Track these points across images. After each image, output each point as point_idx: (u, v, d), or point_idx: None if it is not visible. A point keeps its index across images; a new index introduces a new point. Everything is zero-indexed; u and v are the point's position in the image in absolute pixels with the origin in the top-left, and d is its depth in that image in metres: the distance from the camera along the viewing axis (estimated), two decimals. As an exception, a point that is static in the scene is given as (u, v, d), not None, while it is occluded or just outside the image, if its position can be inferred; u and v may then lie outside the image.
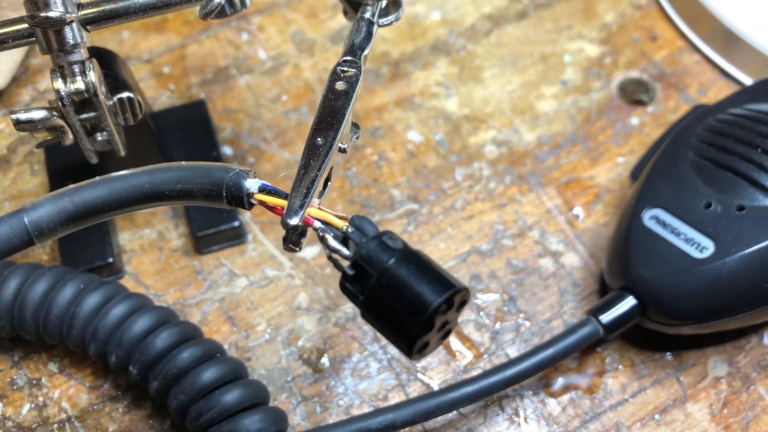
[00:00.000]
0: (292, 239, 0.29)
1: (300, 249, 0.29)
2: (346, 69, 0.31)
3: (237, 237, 0.45)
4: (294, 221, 0.28)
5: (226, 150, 0.48)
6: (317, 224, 0.28)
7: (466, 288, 0.27)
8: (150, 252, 0.45)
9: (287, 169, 0.47)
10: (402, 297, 0.26)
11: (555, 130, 0.49)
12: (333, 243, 0.28)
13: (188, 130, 0.47)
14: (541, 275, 0.44)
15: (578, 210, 0.46)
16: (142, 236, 0.45)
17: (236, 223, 0.44)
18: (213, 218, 0.44)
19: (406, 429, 0.40)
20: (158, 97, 0.49)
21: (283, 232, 0.45)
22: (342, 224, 0.28)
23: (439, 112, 0.50)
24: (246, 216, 0.46)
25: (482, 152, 0.48)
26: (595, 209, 0.46)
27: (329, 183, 0.31)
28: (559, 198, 0.47)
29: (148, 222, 0.46)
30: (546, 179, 0.47)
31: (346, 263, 0.28)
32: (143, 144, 0.43)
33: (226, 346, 0.41)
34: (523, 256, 0.45)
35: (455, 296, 0.27)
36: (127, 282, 0.43)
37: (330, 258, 0.28)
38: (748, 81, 0.50)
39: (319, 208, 0.29)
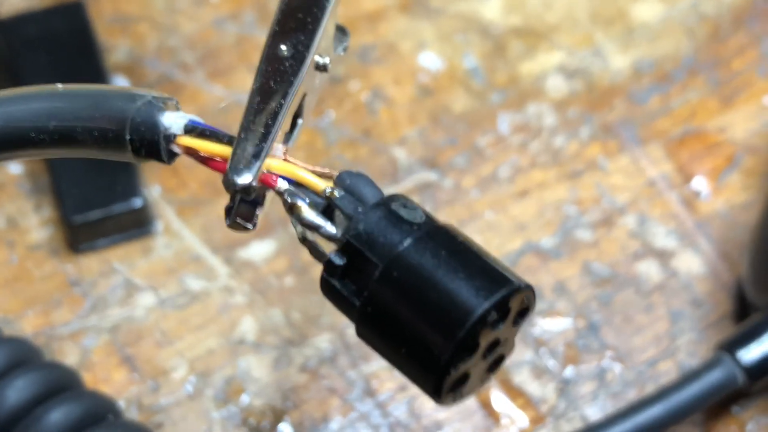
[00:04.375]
0: (242, 211, 0.29)
1: (254, 226, 0.29)
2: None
3: (138, 225, 0.45)
4: (245, 179, 0.28)
5: (120, 81, 0.48)
6: (283, 185, 0.28)
7: (528, 285, 0.27)
8: (-6, 250, 0.45)
9: (224, 112, 0.47)
10: (425, 300, 0.27)
11: (661, 52, 0.50)
12: (309, 215, 0.28)
13: (57, 49, 0.47)
14: (640, 288, 0.45)
15: (700, 181, 0.47)
16: (-20, 224, 0.46)
17: (137, 203, 0.44)
18: (98, 194, 0.44)
19: None
20: (7, -5, 0.50)
21: (219, 209, 0.45)
22: (323, 185, 0.28)
23: (472, 21, 0.50)
24: (153, 191, 0.46)
25: (543, 87, 0.49)
26: (728, 180, 0.47)
27: (299, 121, 0.31)
28: (668, 162, 0.47)
29: (-9, 200, 0.46)
30: (647, 132, 0.48)
31: (331, 247, 0.28)
32: (-16, 70, 0.44)
33: (122, 404, 0.41)
34: (611, 257, 0.45)
35: (512, 298, 0.27)
36: (-43, 299, 0.44)
37: (304, 240, 0.28)
38: None
39: (286, 160, 0.29)
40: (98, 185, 0.45)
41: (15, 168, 0.47)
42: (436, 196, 0.46)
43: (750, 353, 0.40)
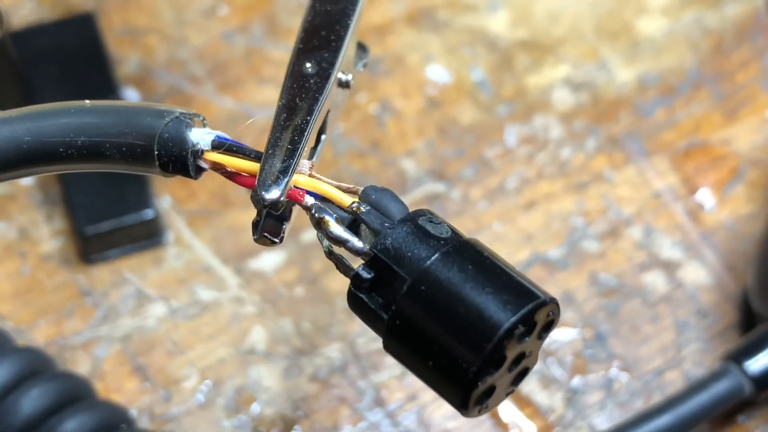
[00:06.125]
0: (268, 225, 0.29)
1: (281, 240, 0.29)
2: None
3: (149, 236, 0.45)
4: (273, 195, 0.28)
5: (130, 93, 0.48)
6: (309, 200, 0.29)
7: (553, 299, 0.28)
8: (6, 260, 0.45)
9: (233, 124, 0.47)
10: (453, 314, 0.27)
11: (666, 65, 0.50)
12: (337, 229, 0.28)
13: (68, 60, 0.47)
14: (647, 299, 0.45)
15: (705, 193, 0.47)
16: (-8, 234, 0.46)
17: (148, 214, 0.45)
18: (109, 205, 0.45)
19: None
20: (17, 6, 0.50)
21: (229, 220, 0.46)
22: (349, 200, 0.29)
23: (479, 34, 0.50)
24: (164, 202, 0.46)
25: (549, 100, 0.49)
26: (733, 192, 0.47)
27: (323, 137, 0.31)
28: (674, 174, 0.48)
29: (3, 211, 0.46)
30: (653, 144, 0.48)
31: (357, 261, 0.28)
32: (-3, 82, 0.44)
33: (134, 414, 0.42)
34: (617, 268, 0.46)
35: (538, 312, 0.27)
36: (-31, 309, 0.44)
37: (330, 255, 0.29)
38: None
39: (311, 175, 0.29)
40: (110, 196, 0.45)
41: (26, 179, 0.47)
42: (444, 207, 0.46)
43: (757, 363, 0.41)
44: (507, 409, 0.43)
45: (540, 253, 0.46)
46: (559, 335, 0.44)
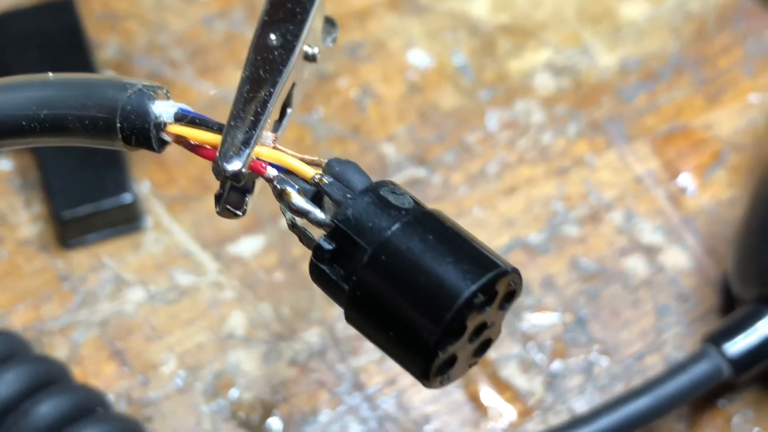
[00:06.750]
0: (231, 198, 0.29)
1: (243, 213, 0.29)
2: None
3: (128, 220, 0.45)
4: (235, 166, 0.28)
5: (110, 79, 0.48)
6: (272, 172, 0.29)
7: (515, 269, 0.28)
8: (-16, 245, 0.45)
9: (213, 108, 0.47)
10: (413, 283, 0.27)
11: (648, 50, 0.50)
12: (299, 201, 0.28)
13: (47, 46, 0.47)
14: (627, 283, 0.45)
15: (686, 178, 0.47)
16: (-30, 219, 0.46)
17: (127, 198, 0.45)
18: (87, 189, 0.45)
19: None
20: (-4, -8, 0.50)
21: (208, 205, 0.46)
22: (312, 172, 0.29)
23: (460, 18, 0.50)
24: (143, 187, 0.46)
25: (531, 85, 0.49)
26: (714, 177, 0.47)
27: (288, 110, 0.31)
28: (655, 159, 0.48)
29: (-19, 196, 0.46)
30: (634, 129, 0.48)
31: (319, 233, 0.28)
32: (-26, 66, 0.44)
33: (111, 398, 0.41)
34: (598, 252, 0.46)
35: (498, 282, 0.27)
36: (-53, 293, 0.44)
37: (293, 227, 0.29)
38: None
39: (275, 147, 0.29)
40: (87, 181, 0.45)
41: (5, 164, 0.47)
42: (425, 192, 0.47)
43: (735, 345, 0.41)
44: (486, 393, 0.43)
45: (521, 238, 0.46)
46: (539, 320, 0.44)
